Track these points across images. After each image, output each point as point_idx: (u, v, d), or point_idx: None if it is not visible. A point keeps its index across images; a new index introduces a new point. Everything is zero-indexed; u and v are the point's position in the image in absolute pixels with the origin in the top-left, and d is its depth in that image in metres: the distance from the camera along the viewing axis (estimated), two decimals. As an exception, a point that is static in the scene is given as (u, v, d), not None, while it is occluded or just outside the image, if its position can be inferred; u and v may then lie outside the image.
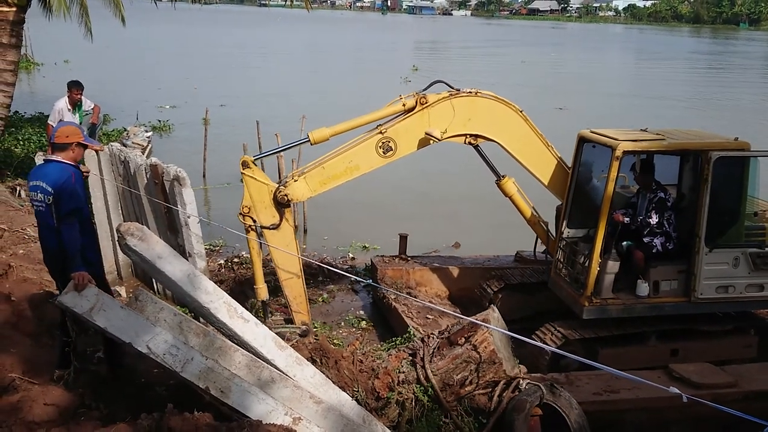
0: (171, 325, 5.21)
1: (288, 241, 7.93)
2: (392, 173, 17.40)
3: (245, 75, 40.67)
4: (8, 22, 12.22)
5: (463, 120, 8.08)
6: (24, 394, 4.97)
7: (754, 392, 6.87)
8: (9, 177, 13.83)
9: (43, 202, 5.30)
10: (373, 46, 68.08)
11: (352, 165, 7.90)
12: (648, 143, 7.69)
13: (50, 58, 39.40)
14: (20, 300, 6.66)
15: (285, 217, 7.87)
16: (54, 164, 5.43)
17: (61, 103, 11.51)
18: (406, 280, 9.84)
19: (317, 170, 7.89)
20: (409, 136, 7.98)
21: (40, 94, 27.59)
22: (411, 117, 7.95)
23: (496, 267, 9.82)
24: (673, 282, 7.92)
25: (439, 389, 6.10)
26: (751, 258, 7.79)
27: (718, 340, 8.16)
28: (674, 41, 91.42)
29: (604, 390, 6.85)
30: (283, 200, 7.77)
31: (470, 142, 8.25)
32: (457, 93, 8.07)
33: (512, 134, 8.25)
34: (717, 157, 7.46)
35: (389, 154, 7.96)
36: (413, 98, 7.94)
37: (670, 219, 7.96)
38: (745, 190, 7.75)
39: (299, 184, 7.84)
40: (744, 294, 7.88)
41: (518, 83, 38.36)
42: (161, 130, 23.17)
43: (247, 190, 7.78)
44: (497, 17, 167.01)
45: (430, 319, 8.92)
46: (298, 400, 5.18)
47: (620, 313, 7.86)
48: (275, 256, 8.01)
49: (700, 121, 25.14)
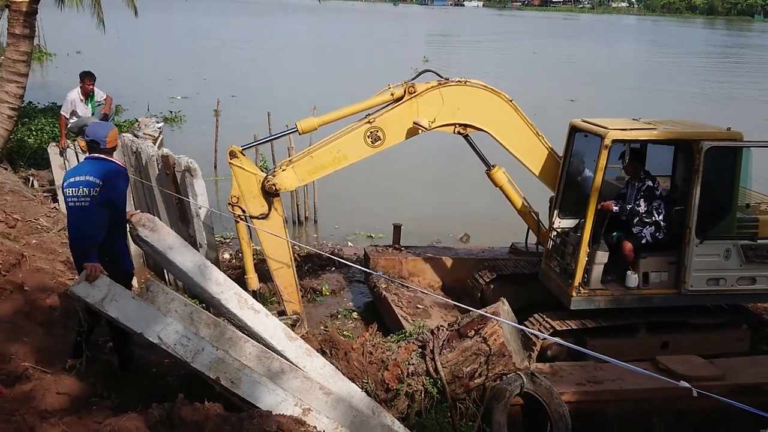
0: (182, 316, 5.24)
1: (277, 230, 7.91)
2: (409, 159, 17.51)
3: (256, 66, 40.68)
4: (21, 13, 12.24)
5: (452, 109, 8.05)
6: (37, 383, 5.01)
7: (740, 385, 6.82)
8: (22, 167, 13.93)
9: (88, 196, 5.20)
10: (384, 37, 67.86)
11: (341, 155, 7.91)
12: (638, 132, 7.62)
13: (63, 49, 39.55)
14: (33, 290, 6.69)
15: (274, 207, 7.86)
16: (103, 161, 5.42)
17: (74, 93, 11.56)
18: (399, 270, 9.85)
19: (305, 159, 7.89)
20: (397, 126, 7.97)
21: (53, 84, 27.71)
22: (399, 106, 7.94)
23: (490, 258, 9.81)
24: (663, 273, 7.88)
25: (449, 381, 6.11)
26: (743, 250, 7.73)
27: (709, 334, 8.11)
28: (688, 33, 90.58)
29: (588, 381, 6.87)
30: (271, 189, 7.75)
31: (459, 131, 8.23)
32: (446, 82, 8.04)
33: (502, 124, 8.22)
34: (708, 147, 7.39)
35: (377, 143, 7.96)
36: (402, 87, 7.91)
37: (659, 208, 7.87)
38: (737, 181, 7.67)
39: (287, 174, 7.83)
40: (735, 287, 7.82)
41: (529, 75, 38.19)
42: (173, 121, 23.24)
43: (235, 179, 7.76)
44: (509, 8, 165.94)
45: (420, 309, 8.91)
46: (308, 391, 5.20)
47: (609, 304, 7.83)
48: (265, 245, 8.00)
49: (710, 114, 24.99)
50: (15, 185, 11.24)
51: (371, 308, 9.86)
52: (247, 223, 7.90)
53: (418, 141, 8.42)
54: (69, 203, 5.32)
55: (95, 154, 5.45)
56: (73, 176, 5.33)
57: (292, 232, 13.98)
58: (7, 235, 8.30)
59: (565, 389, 6.60)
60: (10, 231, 8.58)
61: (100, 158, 5.43)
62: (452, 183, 16.80)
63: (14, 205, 9.73)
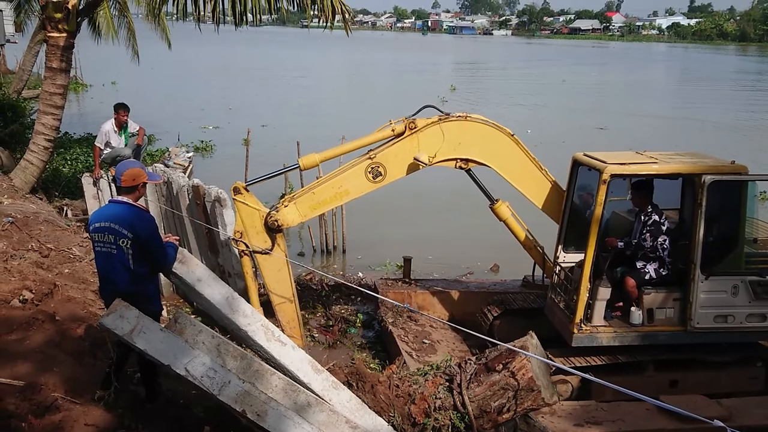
0: (209, 348, 5.26)
1: (280, 265, 8.01)
2: (437, 187, 17.46)
3: (286, 96, 41.22)
4: (59, 48, 12.58)
5: (453, 144, 8.08)
6: (66, 414, 5.05)
7: (747, 427, 6.49)
8: (57, 197, 14.20)
9: (114, 244, 5.23)
10: (412, 67, 68.42)
11: (342, 190, 8.02)
12: (637, 167, 7.54)
13: (98, 80, 40.59)
14: (64, 319, 6.78)
15: (277, 242, 7.96)
16: (125, 206, 5.38)
17: (108, 125, 11.82)
18: (408, 303, 9.71)
19: (307, 195, 8.01)
20: (397, 161, 8.02)
21: (89, 114, 28.39)
22: (400, 142, 8.00)
23: (500, 291, 9.71)
24: (669, 310, 7.69)
25: (476, 416, 6.02)
26: (751, 286, 7.46)
27: (721, 371, 7.82)
28: (719, 60, 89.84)
29: (586, 421, 6.70)
30: (274, 225, 7.84)
31: (461, 166, 8.24)
32: (447, 117, 8.06)
33: (503, 158, 8.21)
34: (711, 181, 7.25)
35: (378, 179, 8.03)
36: (402, 123, 7.98)
37: (664, 244, 7.73)
38: (743, 215, 7.51)
39: (289, 210, 7.93)
40: (745, 324, 7.53)
41: (558, 103, 38.12)
42: (203, 150, 23.59)
43: (239, 215, 7.90)
44: (538, 36, 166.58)
45: (427, 344, 8.81)
46: (334, 425, 5.16)
47: (611, 341, 7.67)
48: (267, 280, 8.12)
49: (739, 146, 24.62)
50: (49, 215, 11.46)
51: (377, 340, 9.70)
52: (251, 257, 8.01)
53: (446, 170, 8.44)
54: (96, 248, 5.38)
55: (119, 195, 5.46)
56: (98, 221, 5.35)
57: (321, 261, 14.04)
58: (40, 265, 8.45)
59: (562, 430, 6.45)
60: (44, 260, 8.74)
61: (122, 203, 5.40)
62: (482, 211, 16.72)
63: (48, 234, 9.92)
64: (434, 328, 9.39)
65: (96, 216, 5.50)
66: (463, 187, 9.01)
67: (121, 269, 5.30)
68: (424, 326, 9.21)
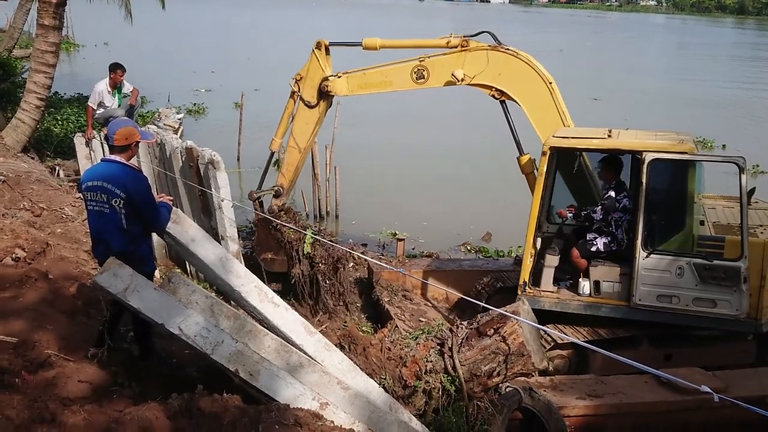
0: (203, 308, 5.27)
1: (313, 120, 9.22)
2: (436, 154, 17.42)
3: (280, 60, 40.71)
4: (51, 5, 12.39)
5: (493, 73, 8.37)
6: (59, 371, 5.07)
7: (742, 398, 6.63)
8: (49, 157, 14.11)
9: (107, 203, 5.19)
10: (409, 33, 67.61)
11: (387, 79, 8.78)
12: (578, 141, 7.76)
13: (91, 40, 39.99)
14: (57, 278, 6.77)
15: (319, 103, 9.08)
16: (118, 166, 5.33)
17: (102, 84, 11.68)
18: (402, 283, 9.80)
19: (359, 74, 8.89)
20: (441, 71, 8.52)
21: (80, 75, 28.02)
22: (450, 55, 8.48)
23: (494, 270, 9.80)
24: (616, 284, 7.80)
25: (466, 379, 6.09)
26: (697, 269, 7.31)
27: (713, 345, 7.92)
28: (717, 32, 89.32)
29: (588, 395, 6.79)
30: (324, 89, 8.90)
31: (495, 96, 8.50)
32: (497, 47, 8.36)
33: (533, 102, 8.38)
34: (651, 159, 7.27)
35: (420, 81, 8.62)
36: (458, 39, 8.40)
37: (620, 221, 7.88)
38: (689, 196, 7.51)
39: (341, 81, 8.90)
40: (691, 307, 7.39)
41: (554, 72, 37.85)
42: (196, 113, 23.39)
43: (309, 64, 9.01)
44: (536, 5, 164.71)
45: (423, 322, 8.86)
46: (326, 386, 5.21)
47: (553, 307, 7.89)
48: (295, 126, 9.32)
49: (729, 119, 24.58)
50: (41, 174, 11.38)
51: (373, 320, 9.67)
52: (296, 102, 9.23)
53: (448, 136, 8.53)
54: (88, 207, 5.35)
55: (112, 154, 5.41)
56: (91, 180, 5.31)
57: (314, 226, 14.01)
58: (32, 224, 8.41)
59: (565, 403, 6.54)
60: (36, 220, 8.70)
61: (115, 162, 5.35)
62: (477, 182, 16.74)
63: (40, 194, 9.86)
64: (429, 306, 9.43)
65: (88, 174, 5.45)
66: (461, 154, 9.05)
67: (113, 229, 5.28)
68: (419, 305, 9.26)
